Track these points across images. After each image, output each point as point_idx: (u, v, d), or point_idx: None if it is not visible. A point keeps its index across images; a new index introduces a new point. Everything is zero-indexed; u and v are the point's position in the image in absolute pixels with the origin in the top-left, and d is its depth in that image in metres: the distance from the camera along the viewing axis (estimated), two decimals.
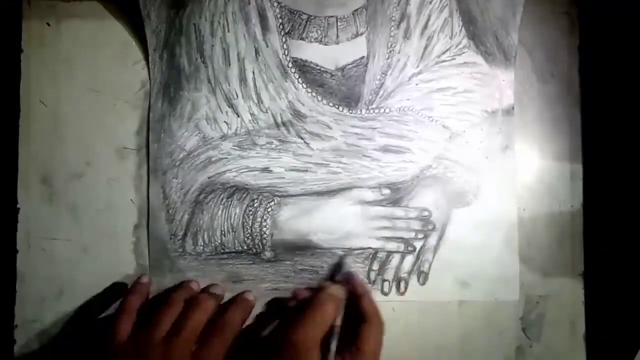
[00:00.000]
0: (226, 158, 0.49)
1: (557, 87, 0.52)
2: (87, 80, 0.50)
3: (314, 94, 0.50)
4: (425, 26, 0.50)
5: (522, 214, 0.51)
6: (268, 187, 0.49)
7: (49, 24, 0.50)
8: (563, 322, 0.50)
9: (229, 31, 0.49)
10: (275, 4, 0.49)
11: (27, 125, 0.49)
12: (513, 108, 0.51)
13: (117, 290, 0.48)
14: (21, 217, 0.49)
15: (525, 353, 0.50)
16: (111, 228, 0.49)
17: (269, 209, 0.49)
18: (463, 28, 0.50)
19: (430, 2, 0.50)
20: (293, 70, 0.50)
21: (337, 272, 0.48)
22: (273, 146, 0.50)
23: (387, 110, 0.50)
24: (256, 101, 0.50)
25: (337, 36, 0.50)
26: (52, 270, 0.49)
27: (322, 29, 0.49)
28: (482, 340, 0.50)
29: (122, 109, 0.50)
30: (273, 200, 0.49)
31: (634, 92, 0.50)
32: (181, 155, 0.49)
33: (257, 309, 0.48)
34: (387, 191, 0.50)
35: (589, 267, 0.51)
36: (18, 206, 0.49)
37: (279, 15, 0.49)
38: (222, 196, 0.49)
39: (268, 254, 0.49)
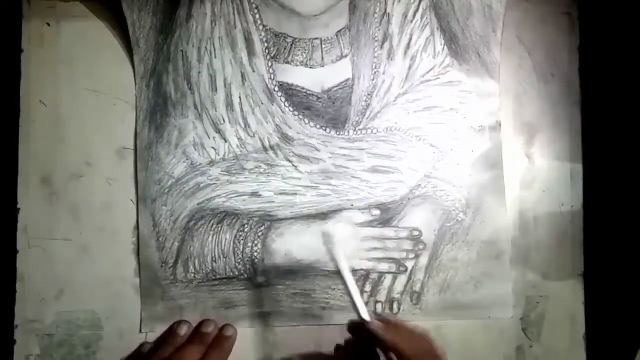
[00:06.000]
0: (215, 183, 0.49)
1: (557, 87, 0.51)
2: (87, 80, 0.50)
3: (300, 116, 0.50)
4: (408, 45, 0.50)
5: (522, 214, 0.50)
6: (258, 211, 0.49)
7: (49, 24, 0.50)
8: (563, 322, 0.50)
9: (215, 57, 0.49)
10: (261, 27, 0.49)
11: (27, 125, 0.49)
12: (500, 124, 0.51)
13: None
14: (21, 217, 0.49)
15: (525, 353, 0.50)
16: (111, 228, 0.49)
17: (259, 234, 0.49)
18: (445, 46, 0.50)
19: (412, 21, 0.50)
20: (279, 94, 0.50)
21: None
22: (261, 170, 0.49)
23: (374, 131, 0.50)
24: (243, 126, 0.50)
25: (322, 58, 0.50)
26: (52, 270, 0.48)
27: (307, 51, 0.50)
28: (482, 340, 0.50)
29: (122, 109, 0.50)
30: (263, 224, 0.49)
31: (634, 92, 0.50)
32: (169, 182, 0.49)
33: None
34: (376, 212, 0.50)
35: (589, 267, 0.51)
36: (18, 206, 0.49)
37: (264, 39, 0.49)
38: (212, 222, 0.49)
39: (260, 279, 0.49)
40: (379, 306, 0.49)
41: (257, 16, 0.50)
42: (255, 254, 0.49)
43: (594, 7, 0.51)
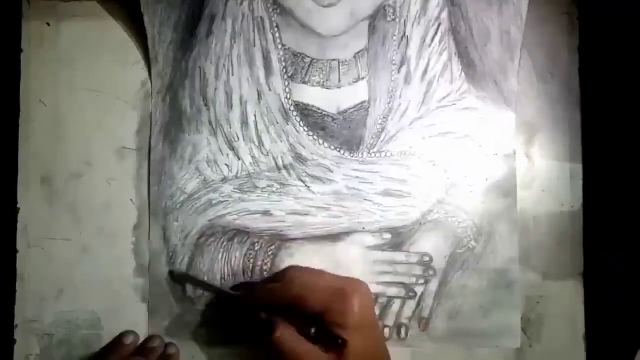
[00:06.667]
0: (227, 201, 0.49)
1: (557, 87, 0.51)
2: (87, 80, 0.50)
3: (315, 137, 0.49)
4: (426, 71, 0.50)
5: (522, 214, 0.50)
6: (269, 230, 0.49)
7: (49, 24, 0.50)
8: (563, 322, 0.50)
9: (233, 75, 0.49)
10: (280, 47, 0.49)
11: (27, 125, 0.49)
12: (515, 153, 0.50)
13: None
14: (21, 217, 0.49)
15: (525, 353, 0.50)
16: (111, 228, 0.49)
17: (270, 253, 0.48)
18: (463, 72, 0.50)
19: (430, 45, 0.50)
20: (295, 113, 0.49)
21: None
22: (274, 189, 0.49)
23: (388, 154, 0.50)
24: (257, 144, 0.49)
25: (339, 80, 0.50)
26: (52, 270, 0.49)
27: (324, 72, 0.49)
28: None
29: (122, 109, 0.50)
30: (274, 244, 0.49)
31: (633, 92, 0.50)
32: (182, 198, 0.49)
33: None
34: (388, 236, 0.49)
35: (589, 267, 0.50)
36: (18, 206, 0.49)
37: (282, 58, 0.49)
38: (222, 240, 0.49)
39: None
40: (386, 331, 0.49)
41: (277, 35, 0.49)
42: (265, 273, 0.48)
43: (594, 7, 0.51)
